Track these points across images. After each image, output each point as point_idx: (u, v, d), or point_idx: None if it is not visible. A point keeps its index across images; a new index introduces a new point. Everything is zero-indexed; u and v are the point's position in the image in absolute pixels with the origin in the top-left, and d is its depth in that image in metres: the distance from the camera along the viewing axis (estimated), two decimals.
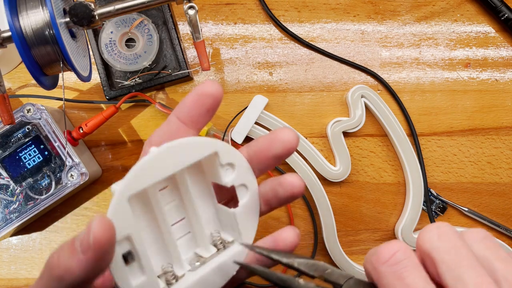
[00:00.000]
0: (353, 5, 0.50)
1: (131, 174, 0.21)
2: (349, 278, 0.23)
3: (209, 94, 0.24)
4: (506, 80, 0.49)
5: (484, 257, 0.20)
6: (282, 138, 0.25)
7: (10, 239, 0.48)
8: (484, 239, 0.21)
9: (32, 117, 0.43)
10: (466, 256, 0.20)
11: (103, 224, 0.19)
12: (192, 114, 0.24)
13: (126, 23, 0.46)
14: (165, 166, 0.22)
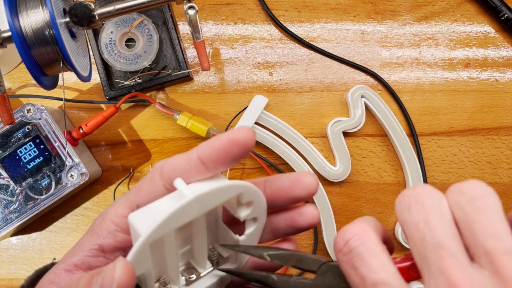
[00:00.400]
0: (353, 5, 0.50)
1: (160, 220, 0.20)
2: (322, 263, 0.22)
3: (241, 143, 0.22)
4: (506, 80, 0.49)
5: (468, 226, 0.17)
6: (305, 182, 0.25)
7: (10, 239, 0.48)
8: (473, 200, 0.18)
9: (32, 117, 0.43)
10: (434, 233, 0.17)
11: (127, 271, 0.19)
12: (215, 159, 0.22)
13: (126, 23, 0.46)
14: (191, 212, 0.21)
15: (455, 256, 0.17)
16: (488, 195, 0.17)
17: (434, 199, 0.18)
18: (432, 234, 0.17)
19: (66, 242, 0.48)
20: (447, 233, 0.17)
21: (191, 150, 0.23)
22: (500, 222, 0.17)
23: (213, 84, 0.49)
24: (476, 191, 0.18)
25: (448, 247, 0.17)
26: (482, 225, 0.17)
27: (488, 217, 0.17)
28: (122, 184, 0.48)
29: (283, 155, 0.46)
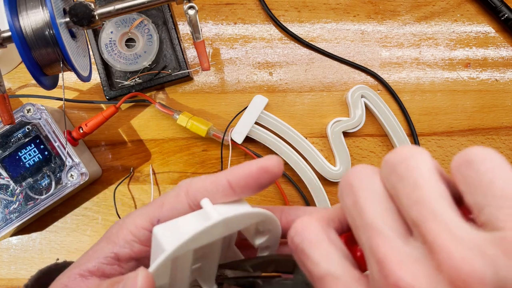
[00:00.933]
0: (353, 5, 0.50)
1: (186, 238, 0.20)
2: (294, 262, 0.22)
3: (270, 171, 0.22)
4: (506, 80, 0.49)
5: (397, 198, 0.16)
6: None
7: (10, 239, 0.48)
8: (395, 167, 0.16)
9: (32, 117, 0.43)
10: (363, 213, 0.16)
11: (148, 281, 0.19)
12: (244, 184, 0.23)
13: (126, 23, 0.46)
14: (214, 233, 0.22)
15: (384, 233, 0.15)
16: (412, 157, 0.16)
17: (364, 178, 0.17)
18: (361, 215, 0.16)
19: (66, 242, 0.48)
20: (376, 211, 0.16)
21: (220, 173, 0.23)
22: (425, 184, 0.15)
23: (213, 84, 0.49)
24: (399, 157, 0.16)
25: (376, 226, 0.16)
26: (405, 194, 0.15)
27: (410, 182, 0.15)
28: (122, 184, 0.48)
29: (283, 155, 0.46)
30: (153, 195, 0.48)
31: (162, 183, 0.48)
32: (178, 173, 0.48)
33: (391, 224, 0.16)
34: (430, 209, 0.14)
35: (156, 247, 0.22)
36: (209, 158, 0.48)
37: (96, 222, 0.48)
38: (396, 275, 0.14)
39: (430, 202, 0.15)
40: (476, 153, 0.15)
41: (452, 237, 0.14)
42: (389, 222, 0.16)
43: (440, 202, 0.15)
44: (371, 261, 0.15)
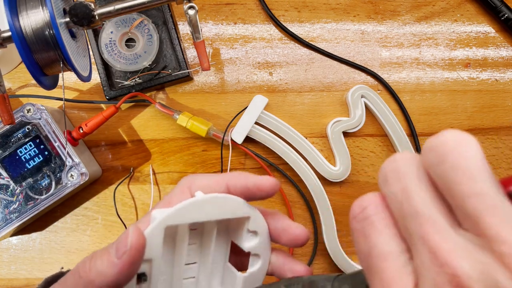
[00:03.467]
0: (353, 5, 0.50)
1: (176, 208, 0.23)
2: (333, 279, 0.22)
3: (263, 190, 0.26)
4: (506, 80, 0.49)
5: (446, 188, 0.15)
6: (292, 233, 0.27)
7: (10, 239, 0.48)
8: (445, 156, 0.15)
9: (32, 117, 0.43)
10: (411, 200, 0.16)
11: (139, 234, 0.22)
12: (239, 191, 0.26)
13: (126, 23, 0.46)
14: (205, 212, 0.24)
15: (435, 221, 0.15)
16: (462, 146, 0.15)
17: (410, 164, 0.17)
18: (409, 202, 0.16)
19: (66, 242, 0.48)
20: (426, 198, 0.16)
21: (222, 175, 0.26)
22: (479, 176, 0.14)
23: (213, 84, 0.49)
24: (448, 145, 0.15)
25: (426, 214, 0.15)
26: (459, 184, 0.15)
27: (464, 173, 0.15)
28: (122, 184, 0.48)
29: (283, 155, 0.46)
30: (153, 195, 0.48)
31: (162, 183, 0.48)
32: (178, 173, 0.48)
33: (441, 212, 0.16)
34: (490, 202, 0.14)
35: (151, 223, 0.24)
36: (209, 158, 0.48)
37: (96, 222, 0.48)
38: (453, 264, 0.14)
39: (489, 194, 0.14)
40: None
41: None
42: (439, 210, 0.16)
43: (498, 195, 0.14)
44: (422, 249, 0.15)
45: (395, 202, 0.17)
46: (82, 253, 0.48)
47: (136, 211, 0.48)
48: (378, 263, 0.17)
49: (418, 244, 0.15)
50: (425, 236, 0.15)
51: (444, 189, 0.16)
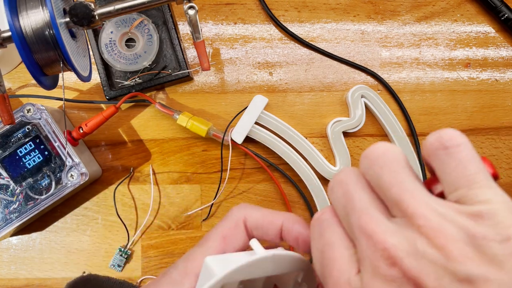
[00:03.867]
0: (353, 5, 0.50)
1: (236, 267, 0.22)
2: None
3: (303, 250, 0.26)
4: (506, 80, 0.49)
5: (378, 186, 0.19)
6: None
7: (10, 239, 0.48)
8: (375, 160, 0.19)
9: (32, 117, 0.43)
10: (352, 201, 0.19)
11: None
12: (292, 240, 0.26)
13: (126, 23, 0.46)
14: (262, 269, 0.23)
15: (370, 214, 0.18)
16: (388, 151, 0.19)
17: (350, 174, 0.21)
18: (349, 201, 0.19)
19: (66, 242, 0.48)
20: (362, 197, 0.19)
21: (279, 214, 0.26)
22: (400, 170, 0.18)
23: (213, 84, 0.49)
24: (377, 152, 0.19)
25: (362, 209, 0.19)
26: (385, 179, 0.18)
27: (390, 170, 0.18)
28: (122, 184, 0.48)
29: (283, 155, 0.46)
30: (153, 195, 0.48)
31: (162, 183, 0.48)
32: (178, 173, 0.48)
33: (376, 206, 0.19)
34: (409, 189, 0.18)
35: (205, 275, 0.23)
36: (209, 158, 0.48)
37: (96, 222, 0.48)
38: (383, 241, 0.17)
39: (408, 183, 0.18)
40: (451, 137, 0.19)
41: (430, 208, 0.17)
42: (374, 204, 0.19)
43: (415, 183, 0.18)
44: (360, 237, 0.18)
45: (340, 205, 0.20)
46: (82, 253, 0.48)
47: (136, 211, 0.48)
48: (329, 255, 0.20)
49: (358, 234, 0.18)
50: (363, 226, 0.18)
51: (376, 186, 0.19)
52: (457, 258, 0.15)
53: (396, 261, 0.16)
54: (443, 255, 0.15)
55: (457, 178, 0.18)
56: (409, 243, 0.16)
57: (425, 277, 0.16)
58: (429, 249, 0.16)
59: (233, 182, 0.48)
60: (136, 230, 0.48)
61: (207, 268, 0.23)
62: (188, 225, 0.48)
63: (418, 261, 0.16)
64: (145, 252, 0.48)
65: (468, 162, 0.18)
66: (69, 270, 0.48)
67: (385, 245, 0.17)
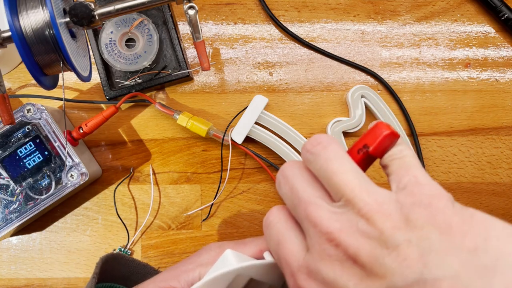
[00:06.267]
0: (353, 5, 0.50)
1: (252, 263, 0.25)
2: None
3: None
4: (506, 80, 0.49)
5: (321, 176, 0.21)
6: None
7: (10, 239, 0.48)
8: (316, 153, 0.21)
9: (32, 117, 0.43)
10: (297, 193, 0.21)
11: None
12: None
13: (126, 23, 0.46)
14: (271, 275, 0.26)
15: (315, 203, 0.20)
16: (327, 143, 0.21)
17: (294, 168, 0.22)
18: (296, 195, 0.21)
19: (66, 242, 0.48)
20: (307, 189, 0.21)
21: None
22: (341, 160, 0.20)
23: (213, 84, 0.49)
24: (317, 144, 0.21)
25: (308, 200, 0.20)
26: (329, 169, 0.20)
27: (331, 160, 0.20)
28: (122, 184, 0.48)
29: (283, 155, 0.46)
30: (153, 195, 0.48)
31: (162, 183, 0.48)
32: (178, 173, 0.48)
33: (319, 195, 0.20)
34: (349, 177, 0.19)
35: (221, 263, 0.26)
36: (209, 158, 0.48)
37: (96, 222, 0.48)
38: (327, 226, 0.19)
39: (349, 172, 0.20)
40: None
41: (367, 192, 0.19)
42: (318, 194, 0.21)
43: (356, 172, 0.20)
44: (308, 227, 0.20)
45: (288, 199, 0.22)
46: (82, 253, 0.48)
47: (136, 211, 0.48)
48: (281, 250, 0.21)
49: (305, 224, 0.20)
50: (308, 215, 0.20)
51: (320, 176, 0.21)
52: (388, 230, 0.17)
53: (339, 242, 0.18)
54: (378, 231, 0.17)
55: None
56: (351, 225, 0.18)
57: (361, 252, 0.18)
58: (366, 227, 0.18)
59: (233, 182, 0.48)
60: (136, 230, 0.48)
61: (225, 258, 0.26)
62: (188, 225, 0.48)
63: (357, 239, 0.18)
64: (145, 252, 0.48)
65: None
66: (69, 270, 0.48)
67: (328, 230, 0.19)
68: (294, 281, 0.20)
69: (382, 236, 0.17)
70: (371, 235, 0.18)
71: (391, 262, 0.17)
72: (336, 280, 0.18)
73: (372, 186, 0.19)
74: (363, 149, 0.21)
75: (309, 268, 0.19)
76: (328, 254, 0.19)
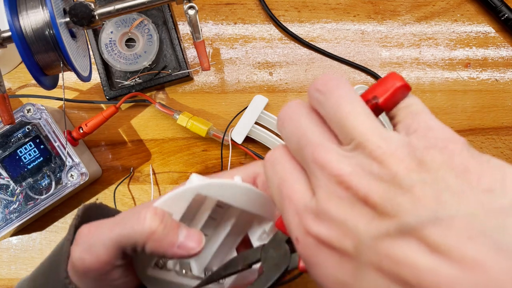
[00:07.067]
0: (353, 5, 0.50)
1: (212, 182, 0.25)
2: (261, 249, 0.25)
3: None
4: (506, 80, 0.49)
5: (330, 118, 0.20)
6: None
7: (10, 239, 0.48)
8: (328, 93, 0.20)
9: (32, 117, 0.43)
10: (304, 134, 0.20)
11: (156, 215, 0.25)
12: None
13: (126, 23, 0.46)
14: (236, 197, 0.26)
15: (323, 145, 0.19)
16: (339, 83, 0.20)
17: (300, 107, 0.21)
18: (303, 135, 0.20)
19: None
20: (314, 130, 0.20)
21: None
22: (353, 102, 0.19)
23: (213, 84, 0.49)
24: (329, 84, 0.20)
25: (316, 141, 0.19)
26: (340, 110, 0.19)
27: (344, 101, 0.19)
28: (122, 184, 0.48)
29: None
30: (153, 195, 0.48)
31: (162, 183, 0.48)
32: (178, 173, 0.48)
33: (328, 137, 0.20)
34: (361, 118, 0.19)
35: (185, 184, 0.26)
36: (209, 158, 0.48)
37: None
38: (337, 169, 0.18)
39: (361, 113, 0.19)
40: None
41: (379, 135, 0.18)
42: (326, 136, 0.20)
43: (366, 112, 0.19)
44: (315, 169, 0.19)
45: (292, 140, 0.21)
46: None
47: None
48: (285, 187, 0.21)
49: (312, 166, 0.19)
50: (316, 157, 0.19)
51: (330, 117, 0.20)
52: (402, 172, 0.17)
53: (350, 185, 0.18)
54: (391, 173, 0.17)
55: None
56: (362, 168, 0.18)
57: (373, 193, 0.17)
58: (379, 170, 0.17)
59: None
60: None
61: (190, 180, 0.26)
62: None
63: (369, 181, 0.17)
64: None
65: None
66: None
67: (339, 173, 0.18)
68: (299, 220, 0.20)
69: (396, 178, 0.17)
70: (383, 178, 0.17)
71: (405, 201, 0.16)
72: (346, 221, 0.18)
73: (384, 130, 0.19)
74: (372, 100, 0.20)
75: (317, 209, 0.19)
76: (337, 196, 0.18)
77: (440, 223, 0.16)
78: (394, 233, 0.16)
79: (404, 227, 0.16)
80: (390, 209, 0.17)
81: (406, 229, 0.16)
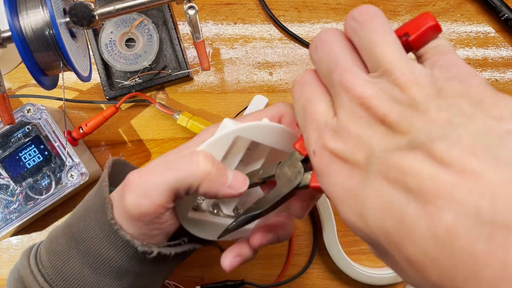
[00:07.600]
0: (353, 5, 0.50)
1: (253, 124, 0.26)
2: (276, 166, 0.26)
3: None
4: (506, 80, 0.49)
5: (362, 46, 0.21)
6: None
7: (10, 239, 0.48)
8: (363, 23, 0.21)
9: (32, 117, 0.43)
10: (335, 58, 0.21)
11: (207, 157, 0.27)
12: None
13: (126, 23, 0.46)
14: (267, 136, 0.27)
15: (351, 70, 0.20)
16: (376, 15, 0.21)
17: (334, 34, 0.22)
18: (333, 59, 0.21)
19: None
20: (345, 56, 0.21)
21: None
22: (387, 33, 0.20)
23: (213, 84, 0.49)
24: (367, 14, 0.21)
25: (344, 66, 0.20)
26: (373, 39, 0.20)
27: (378, 33, 0.20)
28: None
29: None
30: None
31: None
32: None
33: (357, 64, 0.21)
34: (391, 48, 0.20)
35: (221, 129, 0.28)
36: None
37: None
38: (361, 92, 0.19)
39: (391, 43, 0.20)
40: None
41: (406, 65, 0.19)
42: (355, 63, 0.21)
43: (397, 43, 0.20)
44: (340, 91, 0.20)
45: (323, 63, 0.22)
46: None
47: None
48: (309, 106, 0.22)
49: (337, 89, 0.21)
50: (343, 81, 0.20)
51: (362, 46, 0.21)
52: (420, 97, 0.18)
53: (370, 106, 0.19)
54: (410, 98, 0.18)
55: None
56: (384, 92, 0.19)
57: (390, 114, 0.18)
58: (400, 94, 0.19)
59: None
60: None
61: (224, 125, 0.27)
62: None
63: (388, 103, 0.19)
64: None
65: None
66: None
67: (362, 95, 0.19)
68: (318, 135, 0.21)
69: (414, 101, 0.18)
70: (403, 101, 0.18)
71: (419, 121, 0.18)
72: (362, 137, 0.19)
73: (411, 61, 0.20)
74: (403, 37, 0.21)
75: (337, 126, 0.20)
76: (357, 116, 0.19)
77: (447, 139, 0.17)
78: (404, 147, 0.18)
79: (414, 142, 0.17)
80: (404, 127, 0.18)
81: (416, 144, 0.17)
